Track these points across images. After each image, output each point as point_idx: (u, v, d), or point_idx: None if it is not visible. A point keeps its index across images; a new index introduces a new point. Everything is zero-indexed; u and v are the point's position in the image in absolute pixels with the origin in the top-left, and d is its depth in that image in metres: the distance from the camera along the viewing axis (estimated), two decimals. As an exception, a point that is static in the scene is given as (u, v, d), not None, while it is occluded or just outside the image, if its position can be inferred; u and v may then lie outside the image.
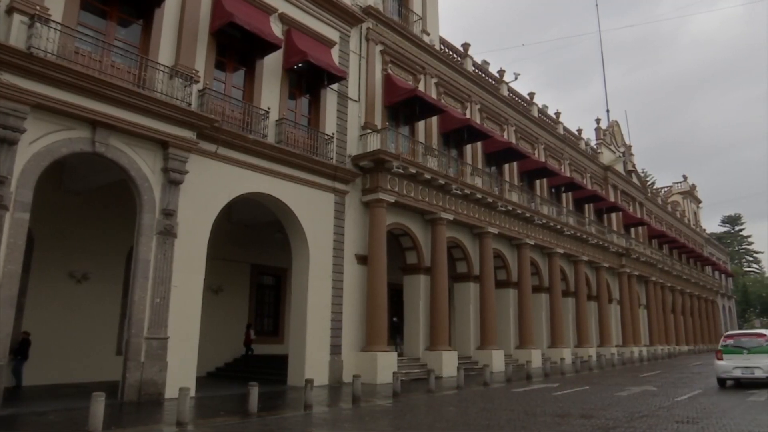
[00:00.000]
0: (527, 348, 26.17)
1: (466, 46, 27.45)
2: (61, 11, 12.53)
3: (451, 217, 22.45)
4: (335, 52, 19.57)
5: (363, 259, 19.40)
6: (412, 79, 23.19)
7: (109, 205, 17.12)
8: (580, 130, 39.15)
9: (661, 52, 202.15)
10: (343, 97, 19.80)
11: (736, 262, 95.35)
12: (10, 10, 11.66)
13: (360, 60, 20.84)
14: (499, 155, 27.51)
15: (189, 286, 14.01)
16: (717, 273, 68.87)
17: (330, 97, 19.35)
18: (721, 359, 17.20)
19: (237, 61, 17.05)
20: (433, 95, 23.92)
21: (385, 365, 17.94)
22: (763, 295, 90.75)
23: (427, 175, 20.93)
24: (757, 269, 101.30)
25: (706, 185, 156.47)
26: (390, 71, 22.00)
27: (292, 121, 17.95)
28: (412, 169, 20.22)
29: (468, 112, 26.43)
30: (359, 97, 20.55)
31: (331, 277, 18.15)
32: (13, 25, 11.59)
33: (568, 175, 34.13)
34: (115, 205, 16.83)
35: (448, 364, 20.38)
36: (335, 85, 19.42)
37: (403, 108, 22.21)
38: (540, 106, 34.04)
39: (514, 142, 29.06)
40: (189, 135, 14.15)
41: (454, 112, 24.28)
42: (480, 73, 28.31)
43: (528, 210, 27.60)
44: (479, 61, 28.86)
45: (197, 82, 14.89)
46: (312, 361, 16.84)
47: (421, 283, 21.70)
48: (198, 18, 15.37)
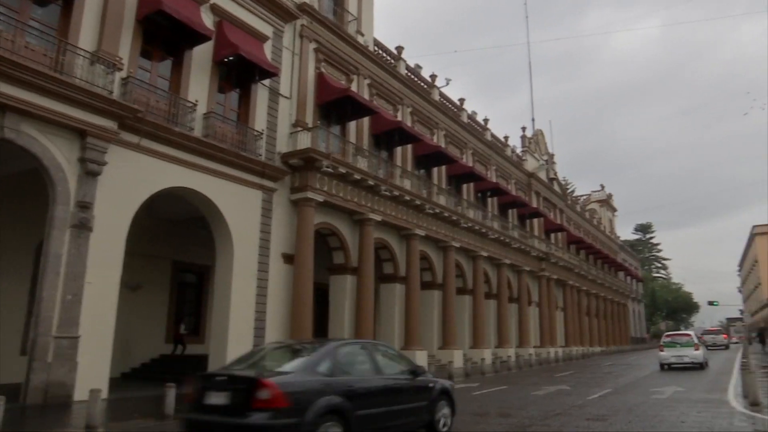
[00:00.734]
0: (450, 348, 26.70)
1: (399, 49, 27.70)
2: (-30, -15, 11.69)
3: (379, 218, 22.59)
4: (268, 48, 19.25)
5: (290, 258, 19.19)
6: (345, 78, 23.16)
7: (19, 196, 16.07)
8: (506, 137, 40.37)
9: (584, 66, 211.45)
10: (274, 94, 19.51)
11: (646, 268, 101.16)
12: None
13: (293, 57, 20.60)
14: (428, 158, 27.94)
15: (104, 282, 13.38)
16: (629, 278, 72.87)
17: (261, 93, 19.01)
18: (663, 351, 24.54)
19: (164, 50, 16.43)
20: (366, 96, 23.99)
21: (309, 365, 17.77)
22: (669, 300, 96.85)
23: (357, 176, 20.96)
24: (665, 275, 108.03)
25: (622, 195, 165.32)
26: (323, 70, 21.88)
27: (221, 116, 17.50)
28: (342, 169, 20.19)
29: (399, 115, 26.69)
30: (291, 94, 20.30)
31: (256, 276, 17.84)
32: None
33: (494, 180, 35.10)
34: (26, 195, 15.82)
35: (372, 364, 20.45)
36: (267, 81, 19.10)
37: (335, 107, 22.14)
38: (469, 112, 34.83)
39: (443, 146, 29.58)
40: (109, 124, 13.51)
41: (386, 114, 24.46)
42: (412, 76, 28.65)
43: (455, 213, 28.18)
44: (412, 64, 29.21)
45: (120, 69, 14.25)
46: (234, 361, 16.47)
47: (348, 284, 21.70)
48: (124, 3, 14.70)
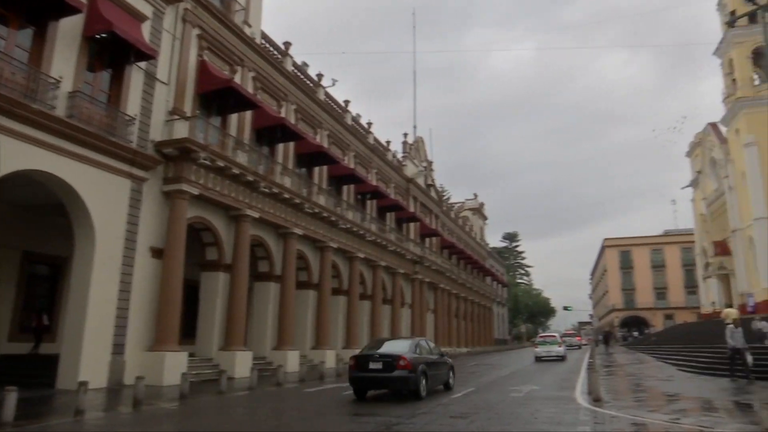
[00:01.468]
0: (322, 348, 26.70)
1: (287, 44, 27.31)
2: None
3: (256, 214, 22.09)
4: (146, 28, 18.12)
5: (158, 253, 18.17)
6: (228, 69, 22.40)
7: None
8: (388, 142, 41.22)
9: (465, 81, 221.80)
10: (150, 78, 18.38)
11: (511, 274, 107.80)
12: None
13: (174, 41, 19.56)
14: (310, 157, 27.79)
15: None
16: (495, 283, 77.27)
17: (136, 76, 17.82)
18: (537, 348, 33.74)
19: (25, 18, 14.87)
20: (250, 89, 23.36)
21: (174, 366, 16.92)
22: (529, 304, 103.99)
23: (236, 170, 20.34)
24: (527, 281, 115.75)
25: (493, 204, 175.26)
26: (206, 58, 21.00)
27: (89, 96, 16.15)
28: (221, 162, 19.51)
29: (283, 111, 26.29)
30: (169, 81, 19.25)
31: (120, 270, 16.66)
32: None
33: (375, 183, 35.68)
34: None
35: (242, 364, 19.93)
36: (143, 64, 17.94)
37: (217, 98, 21.32)
38: (354, 114, 35.13)
39: (326, 146, 29.58)
40: (-48, 95, 12.02)
41: (269, 110, 23.98)
42: (299, 74, 28.35)
43: (334, 214, 28.25)
44: (299, 62, 28.94)
45: (-31, 34, 12.72)
46: (89, 361, 15.22)
47: (220, 281, 20.97)
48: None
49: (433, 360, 15.14)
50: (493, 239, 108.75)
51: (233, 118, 22.57)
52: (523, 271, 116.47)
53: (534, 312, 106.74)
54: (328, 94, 31.52)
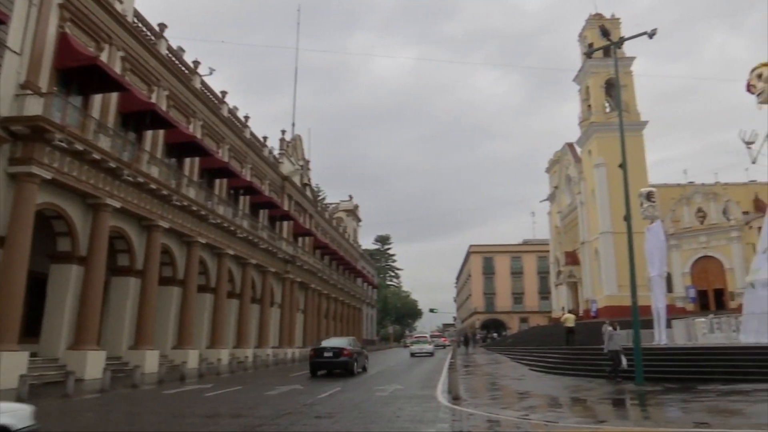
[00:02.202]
0: (184, 348, 25.47)
1: (162, 26, 25.82)
2: None
3: (118, 204, 20.62)
4: (-4, -10, 16.24)
5: (0, 241, 16.33)
6: (95, 46, 20.71)
7: None
8: (265, 138, 40.41)
9: (345, 83, 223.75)
10: (-1, 45, 16.49)
11: (381, 276, 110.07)
12: None
13: (30, 7, 17.67)
14: (181, 147, 26.46)
15: None
16: (365, 284, 78.43)
17: (-19, 41, 15.91)
18: (412, 346, 43.64)
19: None
20: (117, 70, 21.75)
21: (11, 367, 15.21)
22: (398, 306, 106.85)
23: (96, 155, 18.84)
24: (397, 284, 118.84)
25: (367, 207, 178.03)
26: (68, 30, 19.23)
27: None
28: (79, 146, 17.96)
29: (154, 97, 24.78)
30: (22, 51, 17.35)
31: (-50, 259, 14.78)
32: None
33: (249, 179, 34.75)
34: None
35: (93, 365, 18.44)
36: (-10, 29, 16.07)
37: (79, 76, 19.61)
38: (231, 106, 34.02)
39: (199, 136, 28.34)
40: None
41: (139, 93, 22.48)
42: (173, 58, 26.91)
43: (204, 208, 27.11)
44: (175, 46, 27.47)
45: None
46: None
47: (73, 274, 19.30)
48: None
49: (359, 351, 23.23)
50: (366, 241, 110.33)
51: (97, 99, 20.89)
52: (393, 274, 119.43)
53: (402, 314, 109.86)
54: (204, 83, 30.24)
